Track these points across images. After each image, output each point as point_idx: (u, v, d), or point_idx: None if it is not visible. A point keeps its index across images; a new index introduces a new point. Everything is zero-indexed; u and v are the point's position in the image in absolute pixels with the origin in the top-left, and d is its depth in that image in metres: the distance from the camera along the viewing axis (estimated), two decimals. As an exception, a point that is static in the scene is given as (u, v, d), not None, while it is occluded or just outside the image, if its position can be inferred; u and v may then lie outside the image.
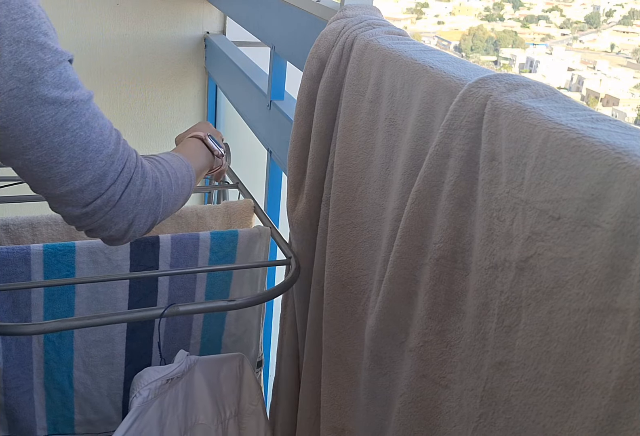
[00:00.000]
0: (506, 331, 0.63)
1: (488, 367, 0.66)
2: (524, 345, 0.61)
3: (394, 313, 0.81)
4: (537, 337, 0.59)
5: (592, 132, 0.55)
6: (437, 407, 0.76)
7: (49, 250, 0.97)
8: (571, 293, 0.56)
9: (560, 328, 0.57)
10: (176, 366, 0.95)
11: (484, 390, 0.66)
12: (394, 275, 0.79)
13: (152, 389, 0.91)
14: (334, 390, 0.98)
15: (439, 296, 0.74)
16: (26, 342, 0.99)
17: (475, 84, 0.68)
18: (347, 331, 0.95)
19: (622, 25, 21.20)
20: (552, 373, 0.58)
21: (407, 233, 0.76)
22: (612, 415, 0.52)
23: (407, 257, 0.77)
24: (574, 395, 0.56)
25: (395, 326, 0.82)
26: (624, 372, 0.50)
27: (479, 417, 0.67)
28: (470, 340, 0.69)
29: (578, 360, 0.55)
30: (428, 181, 0.73)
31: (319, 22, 1.14)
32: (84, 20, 1.92)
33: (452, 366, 0.73)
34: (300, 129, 1.02)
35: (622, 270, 0.51)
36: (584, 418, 0.55)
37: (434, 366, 0.76)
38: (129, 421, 0.89)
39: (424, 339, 0.76)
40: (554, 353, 0.58)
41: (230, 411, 1.06)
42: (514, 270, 0.62)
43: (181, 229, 1.15)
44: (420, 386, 0.78)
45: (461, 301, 0.72)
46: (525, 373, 0.61)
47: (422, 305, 0.76)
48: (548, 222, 0.58)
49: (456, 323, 0.73)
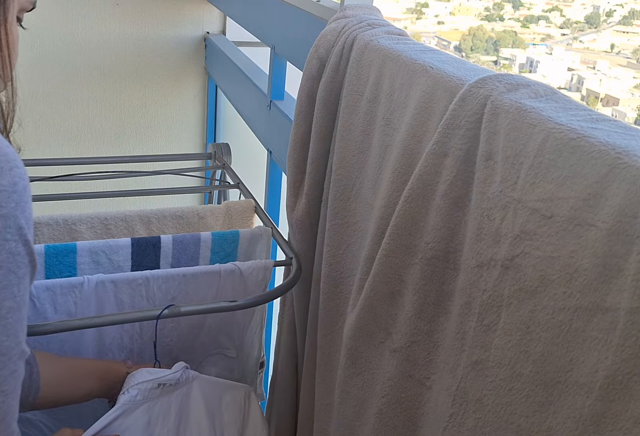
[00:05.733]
0: (484, 331, 0.63)
1: (464, 367, 0.66)
2: (502, 344, 0.61)
3: (375, 312, 0.81)
4: (516, 336, 0.59)
5: (592, 132, 0.55)
6: (421, 408, 0.76)
7: (51, 251, 0.97)
8: (557, 292, 0.55)
9: (542, 327, 0.57)
10: (170, 373, 0.94)
11: (457, 389, 0.66)
12: (379, 273, 0.79)
13: (142, 390, 0.90)
14: (323, 389, 0.98)
15: (429, 296, 0.73)
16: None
17: (475, 84, 0.68)
18: (336, 331, 0.95)
19: (622, 25, 21.19)
20: (531, 372, 0.58)
21: (397, 232, 0.76)
22: (597, 414, 0.51)
23: (394, 255, 0.77)
24: (554, 394, 0.55)
25: (375, 325, 0.81)
26: (611, 371, 0.50)
27: (449, 417, 0.67)
28: (451, 340, 0.69)
29: (560, 360, 0.55)
30: (422, 180, 0.73)
31: (319, 22, 1.14)
32: (84, 20, 1.93)
33: (436, 367, 0.73)
34: (300, 129, 1.02)
35: (615, 269, 0.51)
36: (565, 418, 0.54)
37: (420, 366, 0.75)
38: (112, 415, 0.87)
39: (411, 339, 0.76)
40: (534, 353, 0.57)
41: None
42: (499, 269, 0.62)
43: (182, 229, 1.15)
44: (405, 386, 0.77)
45: (450, 301, 0.71)
46: (500, 372, 0.61)
47: (410, 305, 0.75)
48: (539, 220, 0.58)
49: (443, 324, 0.72)
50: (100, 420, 0.87)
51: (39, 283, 0.92)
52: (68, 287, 0.93)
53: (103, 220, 1.10)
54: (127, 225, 1.11)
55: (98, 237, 1.11)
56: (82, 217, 1.09)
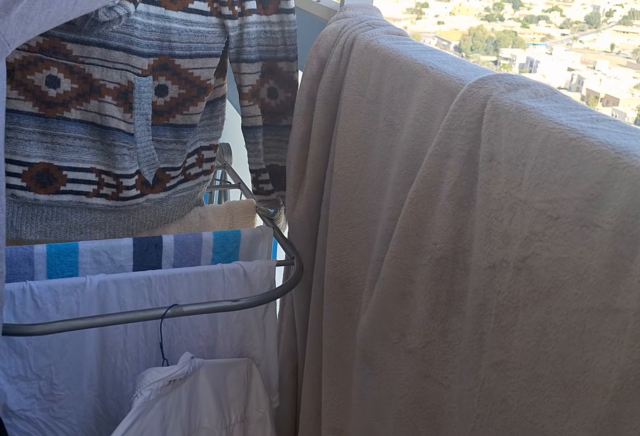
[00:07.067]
0: (503, 332, 0.63)
1: (485, 367, 0.66)
2: (521, 345, 0.61)
3: (387, 313, 0.81)
4: (534, 337, 0.59)
5: (592, 132, 0.56)
6: (441, 407, 0.76)
7: (52, 251, 0.97)
8: (569, 293, 0.56)
9: (558, 328, 0.57)
10: (179, 368, 0.94)
11: (481, 390, 0.66)
12: (389, 275, 0.79)
13: (154, 390, 0.91)
14: (332, 390, 0.99)
15: (441, 296, 0.74)
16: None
17: (475, 84, 0.68)
18: (345, 331, 0.96)
19: (622, 25, 21.19)
20: (550, 373, 0.58)
21: (404, 233, 0.76)
22: (613, 415, 0.52)
23: (402, 257, 0.77)
24: (573, 395, 0.56)
25: (388, 326, 0.82)
26: (624, 372, 0.50)
27: (476, 417, 0.67)
28: (469, 340, 0.69)
29: (577, 361, 0.55)
30: (427, 181, 0.73)
31: (319, 22, 1.14)
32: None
33: (454, 366, 0.73)
34: (300, 129, 1.03)
35: (622, 270, 0.51)
36: (584, 419, 0.55)
37: (437, 366, 0.76)
38: (129, 420, 0.88)
39: (426, 340, 0.76)
40: (552, 354, 0.58)
41: (235, 416, 1.05)
42: (512, 270, 0.62)
43: (184, 229, 1.15)
44: (423, 386, 0.77)
45: (462, 301, 0.72)
46: (522, 373, 0.61)
47: (422, 305, 0.76)
48: (546, 222, 0.58)
49: (457, 324, 0.73)
50: (119, 427, 0.87)
51: (41, 283, 0.92)
52: (70, 286, 0.93)
53: (104, 221, 1.10)
54: (128, 225, 1.12)
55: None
56: (84, 218, 1.09)
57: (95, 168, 1.01)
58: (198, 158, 1.11)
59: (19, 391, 0.95)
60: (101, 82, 0.97)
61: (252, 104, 1.07)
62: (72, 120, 0.98)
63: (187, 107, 1.04)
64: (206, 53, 1.01)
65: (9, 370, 0.93)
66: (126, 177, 1.01)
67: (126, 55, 0.95)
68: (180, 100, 1.03)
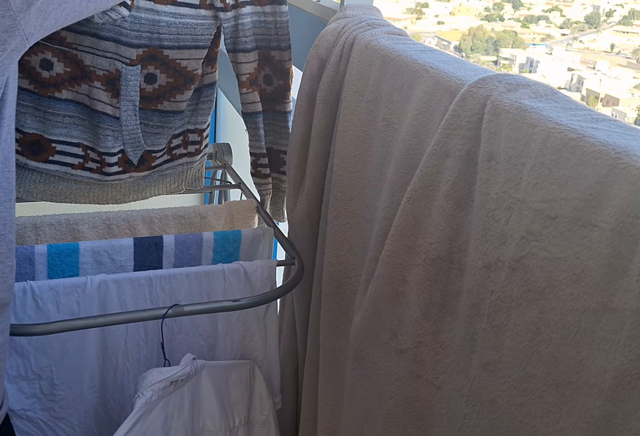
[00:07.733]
0: (495, 332, 0.63)
1: (475, 367, 0.66)
2: (513, 345, 0.61)
3: (380, 313, 0.81)
4: (527, 337, 0.59)
5: (592, 132, 0.56)
6: (431, 408, 0.76)
7: (53, 251, 0.97)
8: (565, 293, 0.56)
9: (552, 328, 0.57)
10: (181, 369, 0.94)
11: (470, 390, 0.66)
12: (383, 274, 0.79)
13: (156, 390, 0.91)
14: (328, 390, 0.99)
15: (435, 296, 0.73)
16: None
17: (475, 84, 0.68)
18: (341, 332, 0.96)
19: (622, 25, 21.17)
20: (543, 373, 0.58)
21: (399, 232, 0.76)
22: (608, 415, 0.51)
23: (397, 256, 0.77)
24: (566, 395, 0.56)
25: (380, 326, 0.82)
26: (619, 372, 0.50)
27: (464, 417, 0.67)
28: (461, 341, 0.69)
29: (571, 360, 0.55)
30: (424, 180, 0.73)
31: (319, 22, 1.14)
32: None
33: (445, 366, 0.73)
34: (300, 129, 1.03)
35: (620, 270, 0.51)
36: (577, 419, 0.54)
37: (428, 366, 0.75)
38: (131, 421, 0.88)
39: (418, 340, 0.76)
40: (545, 353, 0.57)
41: (239, 419, 1.05)
42: (507, 270, 0.62)
43: (184, 229, 1.15)
44: (414, 387, 0.77)
45: (456, 301, 0.72)
46: (513, 373, 0.61)
47: (415, 305, 0.75)
48: (544, 221, 0.58)
49: (450, 324, 0.72)
50: (121, 428, 0.87)
51: (42, 283, 0.92)
52: (71, 286, 0.93)
53: (105, 220, 1.10)
54: (129, 225, 1.12)
55: (100, 237, 1.11)
56: (84, 217, 1.09)
57: (82, 144, 1.08)
58: (184, 140, 1.17)
59: (20, 390, 0.95)
60: (91, 68, 1.03)
61: (250, 91, 1.11)
62: (63, 100, 1.05)
63: (174, 95, 1.09)
64: (194, 45, 1.06)
65: (9, 369, 0.93)
66: (108, 154, 1.08)
67: (115, 45, 1.01)
68: (168, 88, 1.08)
